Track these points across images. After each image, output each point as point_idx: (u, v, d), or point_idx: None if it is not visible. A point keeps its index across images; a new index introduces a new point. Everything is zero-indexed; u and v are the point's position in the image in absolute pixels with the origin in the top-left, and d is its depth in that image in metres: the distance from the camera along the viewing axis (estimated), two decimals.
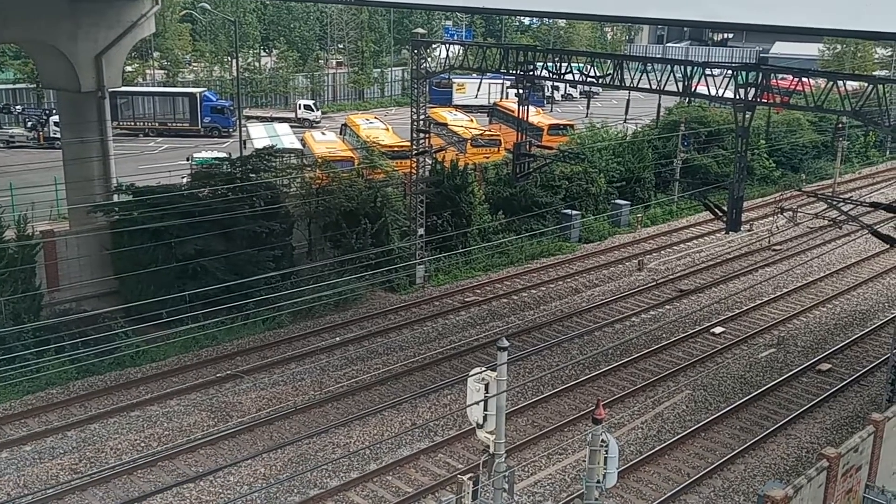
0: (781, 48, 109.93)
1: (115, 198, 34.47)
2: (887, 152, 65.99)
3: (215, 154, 49.34)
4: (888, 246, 28.57)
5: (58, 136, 45.22)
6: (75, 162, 34.39)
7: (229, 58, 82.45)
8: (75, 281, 31.36)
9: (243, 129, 53.42)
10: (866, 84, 26.20)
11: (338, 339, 30.59)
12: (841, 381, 28.49)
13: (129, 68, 72.23)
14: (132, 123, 68.12)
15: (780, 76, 29.39)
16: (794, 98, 29.07)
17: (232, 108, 68.72)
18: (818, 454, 20.32)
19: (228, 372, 27.31)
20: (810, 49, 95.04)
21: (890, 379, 25.49)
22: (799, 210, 33.97)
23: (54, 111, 56.66)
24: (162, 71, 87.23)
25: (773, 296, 35.99)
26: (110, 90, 35.49)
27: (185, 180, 37.47)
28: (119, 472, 22.15)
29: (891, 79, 45.90)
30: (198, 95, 69.39)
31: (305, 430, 24.60)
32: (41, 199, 34.95)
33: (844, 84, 26.69)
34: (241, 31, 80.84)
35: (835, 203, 29.27)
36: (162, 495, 21.28)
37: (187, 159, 47.98)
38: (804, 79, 27.83)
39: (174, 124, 68.62)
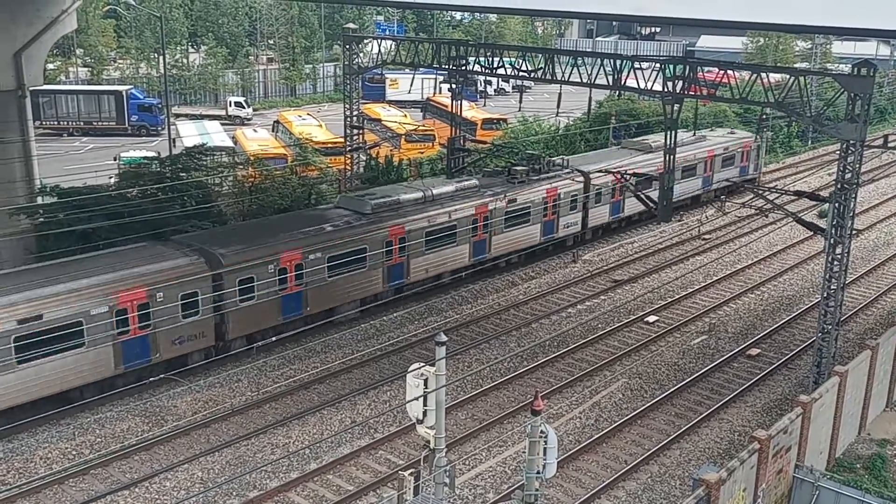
0: (707, 42, 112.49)
1: (40, 200, 33.49)
2: (809, 142, 68.02)
3: (144, 153, 48.34)
4: (812, 233, 29.42)
5: None
6: None
7: (156, 54, 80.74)
8: None
9: (172, 127, 52.39)
10: (788, 76, 26.98)
11: (274, 338, 30.21)
12: (770, 365, 29.28)
13: (50, 66, 70.19)
14: (56, 123, 66.27)
15: (707, 69, 30.06)
16: (719, 90, 29.73)
17: (160, 105, 67.40)
18: (750, 437, 20.86)
19: (162, 375, 26.74)
20: (734, 42, 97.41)
21: (816, 362, 26.30)
22: (727, 200, 34.85)
23: None
24: (86, 69, 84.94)
25: (703, 284, 36.80)
26: (31, 89, 34.45)
27: (112, 180, 36.60)
28: (49, 483, 21.53)
29: (811, 71, 47.30)
30: (124, 93, 67.86)
31: (243, 431, 24.26)
32: None
33: (767, 76, 27.45)
34: (168, 27, 79.16)
35: (761, 192, 30.06)
36: None
37: (115, 159, 46.90)
38: (729, 71, 28.54)
39: (100, 123, 67.02)
